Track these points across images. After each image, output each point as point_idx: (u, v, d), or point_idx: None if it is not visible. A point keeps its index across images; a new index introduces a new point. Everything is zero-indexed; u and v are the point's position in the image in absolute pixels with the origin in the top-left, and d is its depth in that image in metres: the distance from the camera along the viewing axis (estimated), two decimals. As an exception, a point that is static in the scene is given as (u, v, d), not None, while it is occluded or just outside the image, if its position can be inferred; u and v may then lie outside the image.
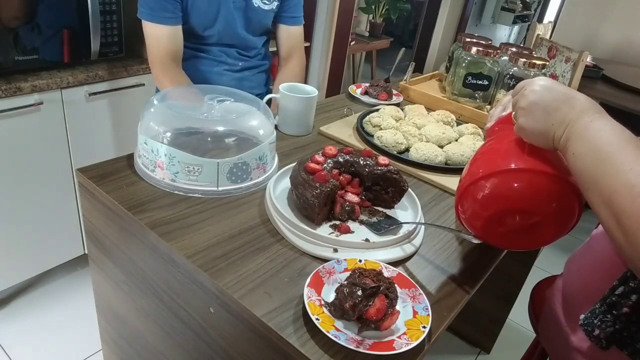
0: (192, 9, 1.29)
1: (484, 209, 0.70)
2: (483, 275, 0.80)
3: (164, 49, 1.28)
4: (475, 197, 0.70)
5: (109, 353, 1.15)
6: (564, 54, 2.53)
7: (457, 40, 1.67)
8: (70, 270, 1.99)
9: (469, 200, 0.72)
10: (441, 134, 1.17)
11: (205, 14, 1.31)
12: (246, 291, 0.68)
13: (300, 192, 0.81)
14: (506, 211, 0.69)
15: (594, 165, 0.56)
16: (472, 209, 0.72)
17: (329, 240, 0.78)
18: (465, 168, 0.77)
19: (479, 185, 0.70)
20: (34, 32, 1.56)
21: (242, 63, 1.45)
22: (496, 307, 1.85)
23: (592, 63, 2.81)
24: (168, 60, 1.29)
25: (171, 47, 1.29)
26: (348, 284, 0.65)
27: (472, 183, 0.70)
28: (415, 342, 0.61)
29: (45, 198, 1.72)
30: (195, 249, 0.74)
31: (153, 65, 1.32)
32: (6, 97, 1.49)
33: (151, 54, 1.30)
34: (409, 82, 1.60)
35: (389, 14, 4.04)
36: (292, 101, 1.14)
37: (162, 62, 1.29)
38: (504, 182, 0.68)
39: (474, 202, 0.71)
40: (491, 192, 0.69)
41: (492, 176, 0.69)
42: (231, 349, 0.72)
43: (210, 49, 1.39)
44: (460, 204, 0.74)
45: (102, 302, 1.07)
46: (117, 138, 1.86)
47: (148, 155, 0.89)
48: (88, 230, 0.98)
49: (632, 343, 0.72)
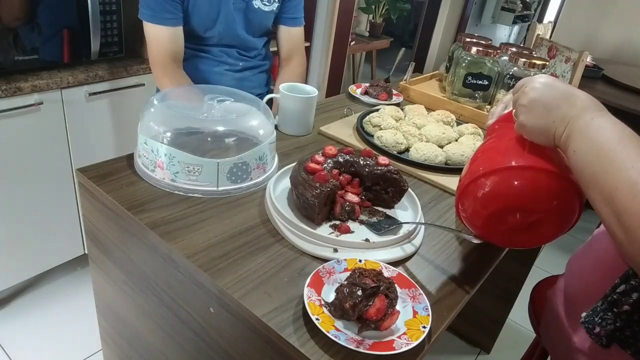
0: (193, 10, 1.29)
1: (485, 207, 0.70)
2: (483, 275, 0.80)
3: (164, 49, 1.28)
4: (475, 195, 0.70)
5: (109, 353, 1.15)
6: (564, 54, 2.53)
7: (457, 40, 1.67)
8: (70, 270, 1.99)
9: (469, 198, 0.72)
10: (441, 134, 1.17)
11: (206, 15, 1.31)
12: (246, 291, 0.68)
13: (300, 192, 0.81)
14: (507, 209, 0.68)
15: (594, 163, 0.56)
16: (472, 208, 0.72)
17: (329, 240, 0.78)
18: (465, 167, 0.76)
19: (479, 183, 0.69)
20: (34, 32, 1.56)
21: (243, 63, 1.45)
22: (496, 307, 1.85)
23: (592, 63, 2.81)
24: (169, 61, 1.29)
25: (172, 48, 1.29)
26: (348, 284, 0.65)
27: (473, 181, 0.70)
28: (415, 342, 0.61)
29: (45, 198, 1.72)
30: (195, 249, 0.74)
31: (154, 66, 1.32)
32: (6, 97, 1.49)
33: (152, 55, 1.30)
34: (409, 82, 1.60)
35: (389, 14, 4.04)
36: (292, 101, 1.14)
37: (163, 63, 1.29)
38: (505, 180, 0.68)
39: (474, 201, 0.71)
40: (491, 190, 0.68)
41: (492, 174, 0.68)
42: (231, 349, 0.72)
43: (211, 50, 1.39)
44: (460, 202, 0.74)
45: (102, 302, 1.07)
46: (117, 138, 1.86)
47: (148, 155, 0.89)
48: (88, 230, 0.98)
49: (635, 343, 0.71)
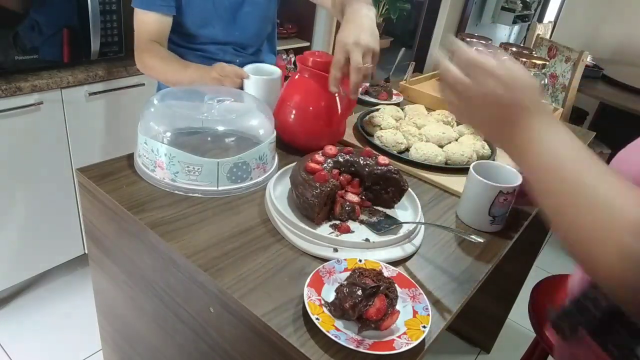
0: (187, 5, 1.28)
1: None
2: (483, 275, 0.80)
3: (148, 33, 1.25)
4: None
5: (109, 353, 1.15)
6: (564, 54, 2.53)
7: (457, 40, 1.66)
8: (70, 270, 1.99)
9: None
10: (441, 134, 1.17)
11: (200, 12, 1.30)
12: (246, 291, 0.68)
13: (300, 191, 0.81)
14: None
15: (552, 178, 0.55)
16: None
17: (329, 240, 0.78)
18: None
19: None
20: (34, 31, 1.56)
21: (240, 60, 1.44)
22: (496, 307, 1.85)
23: (592, 63, 2.81)
24: (150, 42, 1.26)
25: (157, 33, 1.26)
26: (348, 284, 0.65)
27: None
28: (415, 341, 0.61)
29: (45, 198, 1.72)
30: (195, 248, 0.74)
31: (135, 49, 1.28)
32: (6, 97, 1.49)
33: (136, 39, 1.27)
34: (409, 82, 1.60)
35: (389, 13, 4.04)
36: (257, 84, 1.13)
37: (144, 43, 1.26)
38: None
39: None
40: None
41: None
42: (231, 349, 0.72)
43: (206, 48, 1.38)
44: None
45: (102, 302, 1.07)
46: (117, 138, 1.86)
47: (148, 155, 0.89)
48: (88, 230, 0.98)
49: (605, 334, 0.69)
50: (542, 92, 0.57)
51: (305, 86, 1.03)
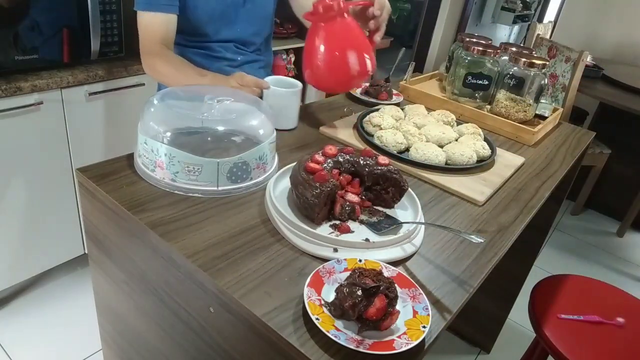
0: (191, 3, 1.27)
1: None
2: (483, 275, 0.80)
3: (155, 35, 1.24)
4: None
5: (109, 353, 1.15)
6: (564, 54, 2.53)
7: (457, 40, 1.66)
8: (70, 270, 1.99)
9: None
10: (441, 134, 1.17)
11: (203, 10, 1.30)
12: (246, 291, 0.68)
13: (300, 191, 0.81)
14: None
15: None
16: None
17: (329, 240, 0.78)
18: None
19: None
20: (33, 31, 1.56)
21: (241, 57, 1.44)
22: (496, 307, 1.85)
23: (592, 63, 2.81)
24: (159, 45, 1.25)
25: (163, 34, 1.25)
26: (348, 284, 0.65)
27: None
28: (415, 341, 0.61)
29: (45, 198, 1.72)
30: (195, 248, 0.74)
31: (144, 53, 1.27)
32: (6, 97, 1.49)
33: (142, 42, 1.26)
34: (409, 82, 1.60)
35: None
36: (276, 95, 1.14)
37: (153, 47, 1.25)
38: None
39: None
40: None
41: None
42: (231, 349, 0.72)
43: (208, 45, 1.38)
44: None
45: (102, 302, 1.07)
46: (117, 138, 1.86)
47: (148, 155, 0.89)
48: (88, 230, 0.98)
49: None
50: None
51: (324, 32, 1.11)
